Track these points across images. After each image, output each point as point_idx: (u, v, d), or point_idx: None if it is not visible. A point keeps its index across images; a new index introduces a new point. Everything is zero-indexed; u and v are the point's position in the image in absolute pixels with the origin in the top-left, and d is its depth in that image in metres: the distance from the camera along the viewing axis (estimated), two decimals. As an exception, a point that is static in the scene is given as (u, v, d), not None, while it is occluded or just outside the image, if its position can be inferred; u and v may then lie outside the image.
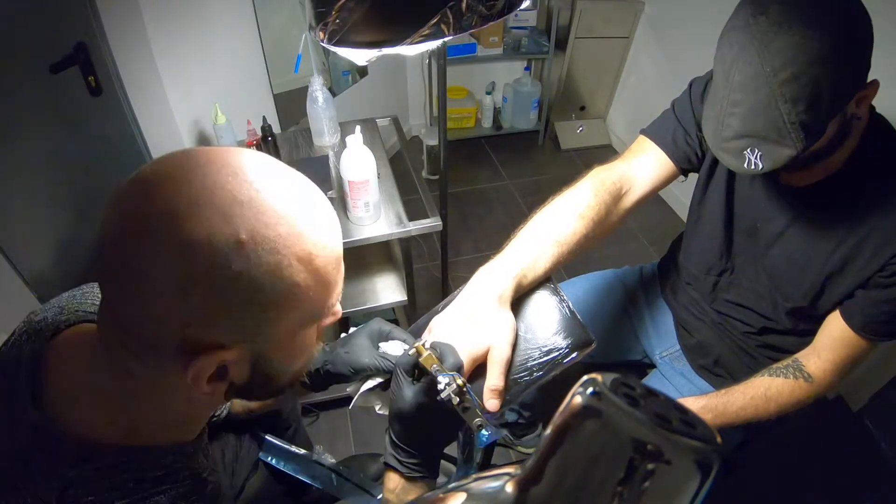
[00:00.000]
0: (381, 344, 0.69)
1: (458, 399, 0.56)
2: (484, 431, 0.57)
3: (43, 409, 0.46)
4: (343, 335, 0.74)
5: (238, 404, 0.85)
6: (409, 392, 0.59)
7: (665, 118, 0.96)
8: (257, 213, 0.40)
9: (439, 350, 0.59)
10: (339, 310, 0.53)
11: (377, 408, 0.72)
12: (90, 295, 0.60)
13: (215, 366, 0.43)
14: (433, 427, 0.61)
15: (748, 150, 0.67)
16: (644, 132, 0.97)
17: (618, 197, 0.90)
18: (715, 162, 0.93)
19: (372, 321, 0.71)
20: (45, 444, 0.45)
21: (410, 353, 0.60)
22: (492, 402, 0.63)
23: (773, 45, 0.62)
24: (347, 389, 0.72)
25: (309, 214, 0.43)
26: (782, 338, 0.94)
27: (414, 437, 0.62)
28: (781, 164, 0.66)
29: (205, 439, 0.58)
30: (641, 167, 0.92)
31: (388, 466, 0.63)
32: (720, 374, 1.03)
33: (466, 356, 0.64)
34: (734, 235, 0.93)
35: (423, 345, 0.59)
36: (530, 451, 1.15)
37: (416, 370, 0.60)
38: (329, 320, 0.52)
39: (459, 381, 0.56)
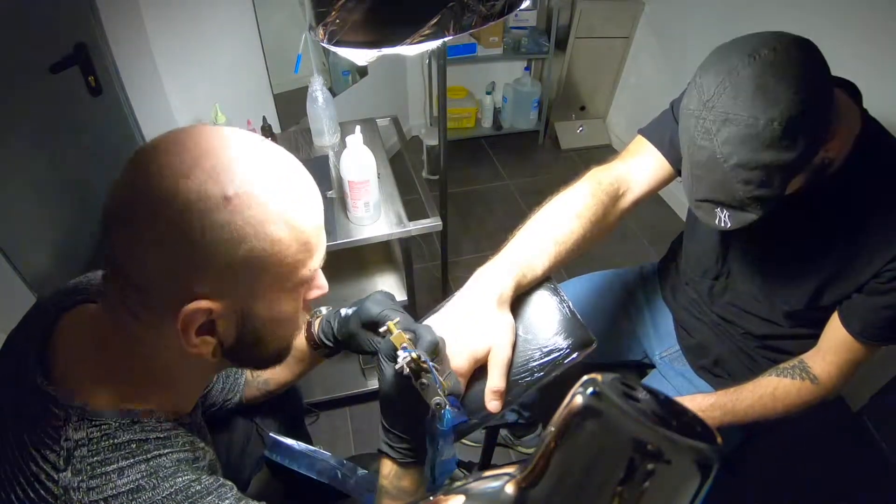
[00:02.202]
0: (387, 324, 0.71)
1: (408, 370, 0.56)
2: (446, 412, 0.57)
3: (51, 378, 0.49)
4: (343, 311, 0.76)
5: (253, 388, 0.86)
6: (389, 371, 0.60)
7: (663, 118, 0.96)
8: (244, 173, 0.44)
9: (415, 330, 0.60)
10: (323, 283, 0.56)
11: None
12: (95, 280, 0.63)
13: (204, 317, 0.46)
14: (415, 410, 0.61)
15: (718, 209, 0.71)
16: (641, 132, 0.97)
17: (615, 198, 0.90)
18: None
19: (366, 300, 0.71)
20: (51, 409, 0.48)
21: (382, 331, 0.60)
22: (493, 404, 0.63)
23: (721, 136, 0.65)
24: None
25: (291, 179, 0.48)
26: (782, 340, 0.94)
27: (399, 421, 0.63)
28: (746, 225, 0.70)
29: (199, 418, 0.62)
30: (639, 168, 0.93)
31: (381, 453, 0.64)
32: (720, 374, 1.03)
33: (467, 356, 0.64)
34: (729, 240, 0.93)
35: (393, 324, 0.59)
36: (530, 451, 1.15)
37: (393, 353, 0.60)
38: (314, 293, 0.55)
39: (415, 355, 0.56)
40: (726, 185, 0.67)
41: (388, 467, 0.64)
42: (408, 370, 0.56)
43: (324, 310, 0.80)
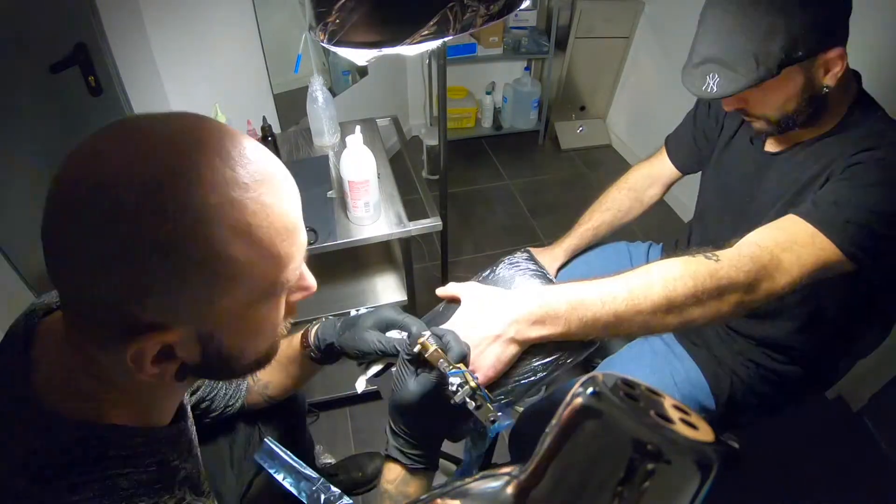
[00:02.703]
0: (389, 333, 0.69)
1: (473, 403, 0.55)
2: (500, 422, 0.57)
3: (27, 382, 0.46)
4: (353, 312, 0.74)
5: (255, 393, 0.85)
6: (413, 384, 0.59)
7: (680, 127, 1.17)
8: (188, 183, 0.37)
9: (444, 340, 0.58)
10: (309, 283, 0.51)
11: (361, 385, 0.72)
12: None
13: (157, 347, 0.41)
14: (436, 419, 0.61)
15: (709, 75, 0.77)
16: (666, 139, 1.22)
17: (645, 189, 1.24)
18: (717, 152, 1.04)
19: (382, 307, 0.71)
20: (21, 413, 0.45)
21: (415, 350, 0.58)
22: None
23: None
24: (357, 386, 0.72)
25: (250, 182, 0.40)
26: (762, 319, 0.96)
27: (417, 429, 0.62)
28: (732, 92, 0.75)
29: (184, 426, 0.57)
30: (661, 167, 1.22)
31: (388, 458, 0.63)
32: (696, 342, 1.05)
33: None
34: (736, 225, 0.95)
35: (427, 340, 0.58)
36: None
37: (420, 361, 0.59)
38: (299, 295, 0.50)
39: (473, 384, 0.55)
40: (731, 33, 0.74)
41: (394, 472, 0.62)
42: (472, 404, 0.55)
43: (324, 317, 0.79)
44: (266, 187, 0.41)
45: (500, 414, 0.57)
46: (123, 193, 0.36)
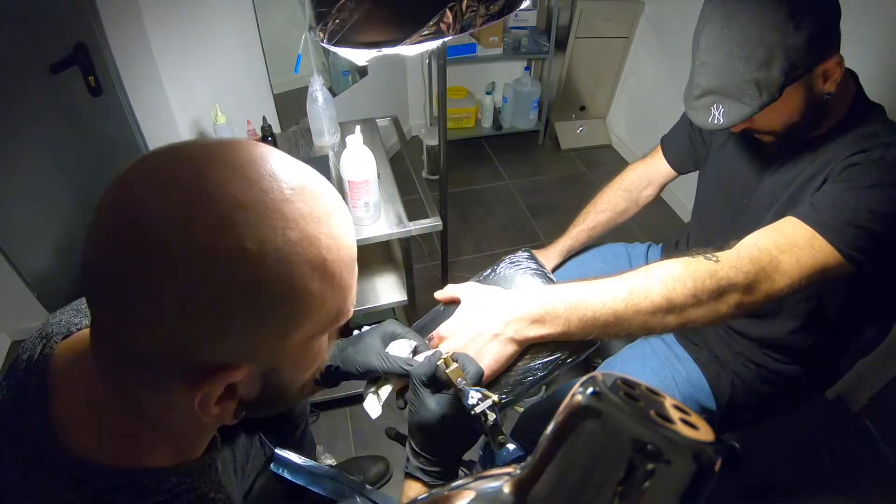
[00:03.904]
0: (392, 344, 0.68)
1: (493, 416, 0.54)
2: (509, 446, 0.56)
3: (46, 419, 0.43)
4: (356, 332, 0.74)
5: None
6: (432, 403, 0.58)
7: (675, 128, 1.16)
8: (262, 216, 0.35)
9: (460, 361, 0.58)
10: (351, 311, 0.50)
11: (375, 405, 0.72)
12: (83, 311, 0.56)
13: (223, 387, 0.39)
14: (455, 436, 0.61)
15: (714, 105, 0.77)
16: (662, 139, 1.21)
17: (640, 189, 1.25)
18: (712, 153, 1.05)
19: (386, 322, 0.70)
20: (44, 458, 0.42)
21: (438, 363, 0.58)
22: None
23: (732, 11, 0.73)
24: (366, 406, 0.72)
25: (321, 214, 0.38)
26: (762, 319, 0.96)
27: (437, 447, 0.61)
28: (739, 120, 0.75)
29: (213, 454, 0.55)
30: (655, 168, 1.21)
31: (410, 476, 0.62)
32: (696, 342, 1.05)
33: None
34: (737, 222, 0.95)
35: (449, 357, 0.58)
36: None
37: (434, 381, 0.59)
38: (341, 323, 0.49)
39: (495, 398, 0.55)
40: (729, 65, 0.74)
41: (415, 490, 0.62)
42: (493, 417, 0.54)
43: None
44: (334, 220, 0.40)
45: (511, 442, 0.57)
46: (196, 233, 0.34)
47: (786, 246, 0.68)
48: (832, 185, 0.75)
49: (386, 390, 0.69)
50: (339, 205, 0.42)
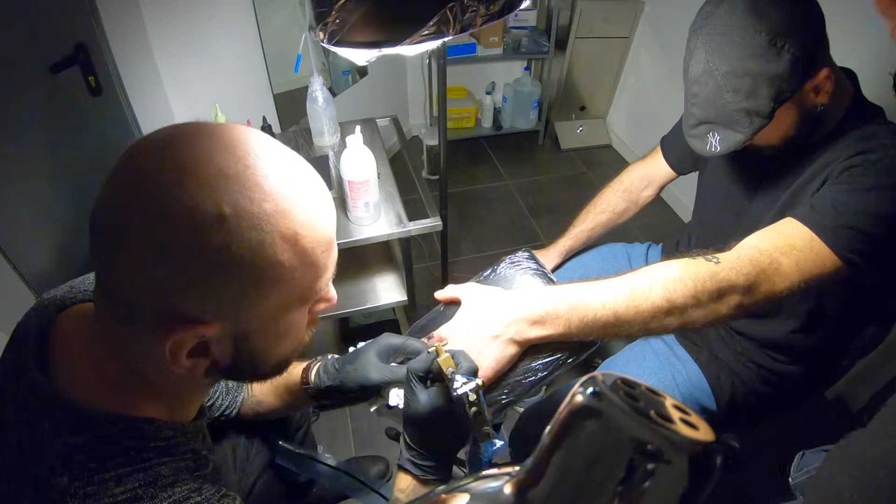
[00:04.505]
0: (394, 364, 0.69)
1: (474, 396, 0.54)
2: (496, 442, 0.56)
3: (49, 379, 0.47)
4: (351, 349, 0.74)
5: (247, 406, 0.85)
6: (423, 396, 0.59)
7: (674, 130, 1.16)
8: (243, 187, 0.39)
9: (455, 355, 0.59)
10: (332, 295, 0.53)
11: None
12: (92, 280, 0.60)
13: (195, 341, 0.43)
14: (448, 431, 0.61)
15: (709, 133, 0.79)
16: (661, 140, 1.21)
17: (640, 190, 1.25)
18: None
19: (381, 336, 0.71)
20: (50, 411, 0.46)
21: (430, 351, 0.59)
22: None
23: (715, 44, 0.74)
24: (371, 410, 0.72)
25: (298, 193, 0.43)
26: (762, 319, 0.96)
27: (429, 441, 0.62)
28: (735, 147, 0.76)
29: (203, 424, 0.59)
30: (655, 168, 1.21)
31: (401, 468, 0.63)
32: (697, 343, 1.05)
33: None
34: (739, 223, 0.95)
35: (440, 346, 0.59)
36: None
37: (429, 375, 0.60)
38: (322, 306, 0.52)
39: (479, 381, 0.55)
40: (717, 97, 0.75)
41: (406, 482, 0.62)
42: (474, 397, 0.54)
43: (330, 356, 0.78)
44: (313, 201, 0.45)
45: (495, 433, 0.57)
46: (181, 193, 0.38)
47: (786, 248, 0.69)
48: (832, 186, 0.75)
49: (396, 396, 0.69)
50: (321, 190, 0.47)
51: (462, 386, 0.54)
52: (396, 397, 0.69)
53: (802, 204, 0.77)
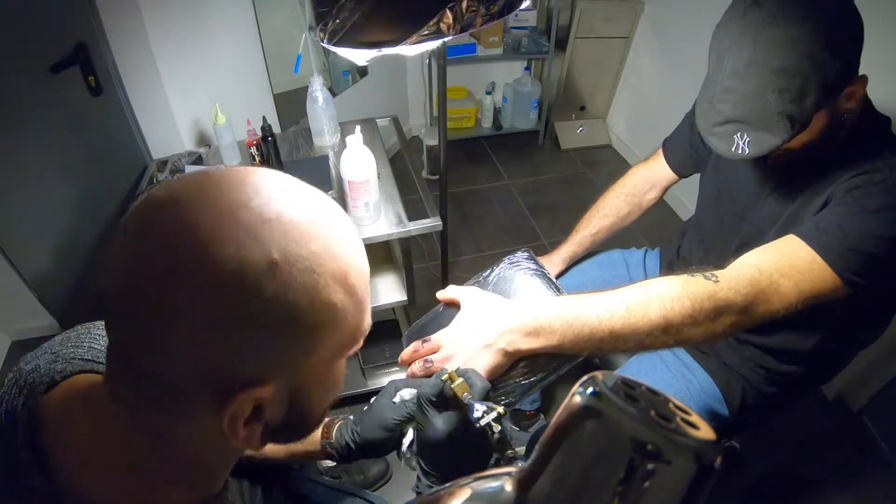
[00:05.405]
0: (398, 393, 0.67)
1: (498, 427, 0.54)
2: (519, 462, 0.56)
3: (49, 477, 0.41)
4: (366, 408, 0.74)
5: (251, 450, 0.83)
6: (439, 421, 0.58)
7: (677, 131, 1.15)
8: (286, 230, 0.36)
9: (467, 376, 0.58)
10: (367, 329, 0.50)
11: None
12: (86, 338, 0.53)
13: (251, 406, 0.39)
14: (464, 454, 0.60)
15: (737, 134, 0.71)
16: (664, 142, 1.20)
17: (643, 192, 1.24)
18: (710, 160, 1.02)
19: (387, 384, 0.70)
20: None
21: (443, 377, 0.57)
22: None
23: (766, 35, 0.66)
24: (402, 463, 0.71)
25: (337, 230, 0.40)
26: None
27: (446, 466, 0.61)
28: (766, 152, 0.70)
29: (229, 487, 0.54)
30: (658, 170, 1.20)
31: (419, 495, 0.62)
32: (705, 351, 1.05)
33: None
34: (741, 226, 0.95)
35: (453, 372, 0.57)
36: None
37: (441, 399, 0.59)
38: (356, 348, 0.49)
39: (501, 409, 0.54)
40: (759, 95, 0.68)
41: None
42: (498, 427, 0.54)
43: (352, 417, 0.77)
44: (350, 236, 0.42)
45: (522, 458, 0.57)
46: (227, 248, 0.34)
47: (786, 269, 0.68)
48: (836, 208, 0.73)
49: (409, 436, 0.68)
50: (351, 223, 0.44)
51: (484, 416, 0.53)
52: (413, 434, 0.68)
53: (806, 220, 0.75)
